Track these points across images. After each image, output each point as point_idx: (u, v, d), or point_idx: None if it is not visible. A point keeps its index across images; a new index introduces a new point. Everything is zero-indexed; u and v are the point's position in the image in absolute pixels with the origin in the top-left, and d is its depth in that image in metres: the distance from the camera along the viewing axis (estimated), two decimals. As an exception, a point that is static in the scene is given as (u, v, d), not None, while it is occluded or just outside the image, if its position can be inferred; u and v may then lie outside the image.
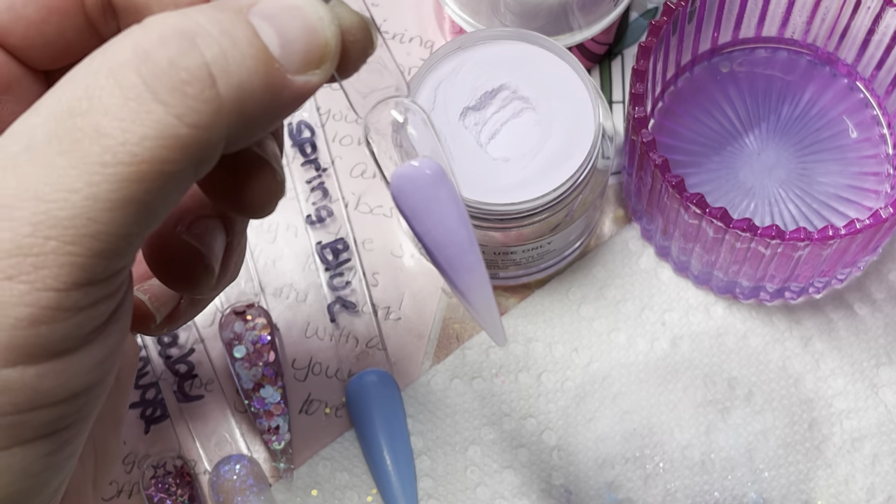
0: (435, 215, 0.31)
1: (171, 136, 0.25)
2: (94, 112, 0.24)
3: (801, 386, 0.48)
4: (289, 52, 0.26)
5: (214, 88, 0.25)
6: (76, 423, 0.26)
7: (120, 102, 0.24)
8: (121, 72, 0.25)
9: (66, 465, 0.27)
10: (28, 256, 0.23)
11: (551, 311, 0.49)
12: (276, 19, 0.26)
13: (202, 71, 0.25)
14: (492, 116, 0.44)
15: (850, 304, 0.49)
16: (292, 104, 0.27)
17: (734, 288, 0.48)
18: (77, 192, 0.24)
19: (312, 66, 0.27)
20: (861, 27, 0.47)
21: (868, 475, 0.47)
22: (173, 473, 0.46)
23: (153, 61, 0.25)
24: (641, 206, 0.48)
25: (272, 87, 0.26)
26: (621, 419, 0.48)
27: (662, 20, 0.45)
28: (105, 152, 0.24)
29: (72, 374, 0.25)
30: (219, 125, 0.25)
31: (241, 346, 0.48)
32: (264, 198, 0.31)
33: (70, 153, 0.24)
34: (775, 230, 0.42)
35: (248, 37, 0.26)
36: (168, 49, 0.25)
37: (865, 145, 0.49)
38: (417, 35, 0.54)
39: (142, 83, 0.25)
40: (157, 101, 0.25)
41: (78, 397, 0.25)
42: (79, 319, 0.24)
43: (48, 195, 0.24)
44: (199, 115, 0.25)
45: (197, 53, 0.25)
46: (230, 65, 0.25)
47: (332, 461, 0.48)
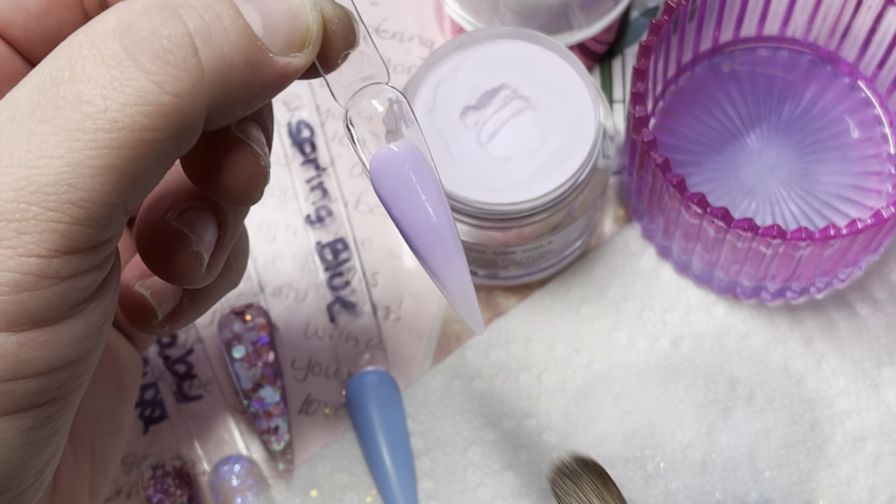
0: (413, 199, 0.31)
1: (151, 102, 0.25)
2: (75, 80, 0.25)
3: (803, 386, 0.48)
4: (271, 32, 0.27)
5: (196, 57, 0.25)
6: (57, 399, 0.26)
7: (102, 70, 0.25)
8: (103, 41, 0.25)
9: (48, 445, 0.27)
10: (10, 222, 0.24)
11: (552, 311, 0.49)
12: (259, 2, 0.27)
13: (185, 40, 0.25)
14: (492, 116, 0.44)
15: (852, 304, 0.49)
16: (275, 84, 0.28)
17: (735, 288, 0.48)
18: (58, 158, 0.24)
19: (294, 48, 0.27)
20: (862, 26, 0.47)
21: (870, 475, 0.47)
22: (172, 474, 0.46)
23: (136, 30, 0.25)
24: (642, 205, 0.48)
25: (253, 62, 0.27)
26: (622, 419, 0.48)
27: (663, 19, 0.45)
28: (86, 119, 0.24)
29: (55, 345, 0.25)
30: (200, 95, 0.26)
31: (241, 346, 0.48)
32: (247, 183, 0.31)
33: (52, 120, 0.24)
34: (776, 230, 0.42)
35: (230, 14, 0.26)
36: (151, 19, 0.25)
37: (867, 145, 0.49)
38: (417, 34, 0.54)
39: (124, 51, 0.25)
40: (139, 69, 0.25)
41: (60, 371, 0.25)
42: (62, 289, 0.25)
43: (30, 161, 0.24)
44: (180, 82, 0.25)
45: (180, 23, 0.25)
46: (212, 36, 0.26)
47: (331, 461, 0.48)
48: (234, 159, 0.30)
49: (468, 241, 0.45)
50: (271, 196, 0.51)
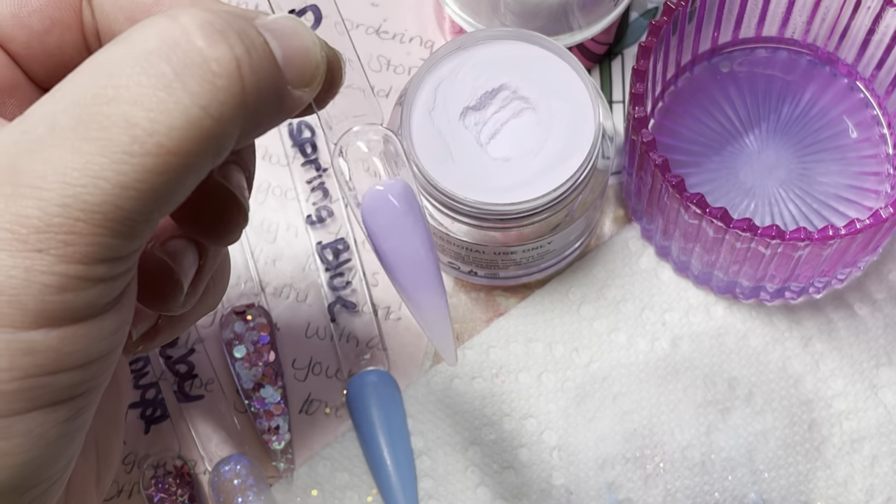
0: (401, 237, 0.33)
1: (197, 127, 0.25)
2: (121, 101, 0.25)
3: (801, 386, 0.48)
4: (288, 65, 0.28)
5: (242, 83, 0.26)
6: (90, 391, 0.27)
7: (149, 92, 0.25)
8: (148, 60, 0.25)
9: (77, 437, 0.28)
10: (58, 234, 0.25)
11: (551, 311, 0.49)
12: (279, 34, 0.28)
13: (231, 65, 0.26)
14: (492, 116, 0.44)
15: (851, 305, 0.49)
16: (286, 115, 0.29)
17: (734, 288, 0.48)
18: (106, 181, 0.25)
19: (304, 83, 0.28)
20: (861, 27, 0.47)
21: (867, 476, 0.47)
22: (173, 473, 0.46)
23: (183, 51, 0.25)
24: (641, 206, 0.48)
25: (279, 92, 0.28)
26: (622, 419, 0.48)
27: (662, 20, 0.45)
28: (133, 142, 0.25)
29: (91, 339, 0.26)
30: (238, 119, 0.26)
31: (242, 345, 0.48)
32: (227, 226, 0.32)
33: (97, 140, 0.25)
34: (775, 230, 0.42)
35: (262, 43, 0.27)
36: (198, 40, 0.26)
37: (865, 145, 0.49)
38: (417, 35, 0.54)
39: (172, 72, 0.25)
40: (186, 91, 0.25)
41: (94, 364, 0.27)
42: (100, 289, 0.26)
43: (77, 180, 0.25)
44: (223, 107, 0.26)
45: (226, 47, 0.26)
46: (254, 63, 0.26)
47: (332, 461, 0.48)
48: (214, 203, 0.31)
49: (468, 241, 0.45)
50: (272, 196, 0.51)
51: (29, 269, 0.25)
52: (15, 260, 0.25)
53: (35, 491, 0.27)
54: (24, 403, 0.26)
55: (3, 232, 0.25)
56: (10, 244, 0.25)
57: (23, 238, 0.25)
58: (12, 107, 0.32)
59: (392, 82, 0.53)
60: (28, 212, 0.25)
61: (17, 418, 0.26)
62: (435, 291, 0.34)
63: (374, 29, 0.54)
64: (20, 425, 0.26)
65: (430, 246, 0.33)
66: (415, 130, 0.43)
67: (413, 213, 0.33)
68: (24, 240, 0.25)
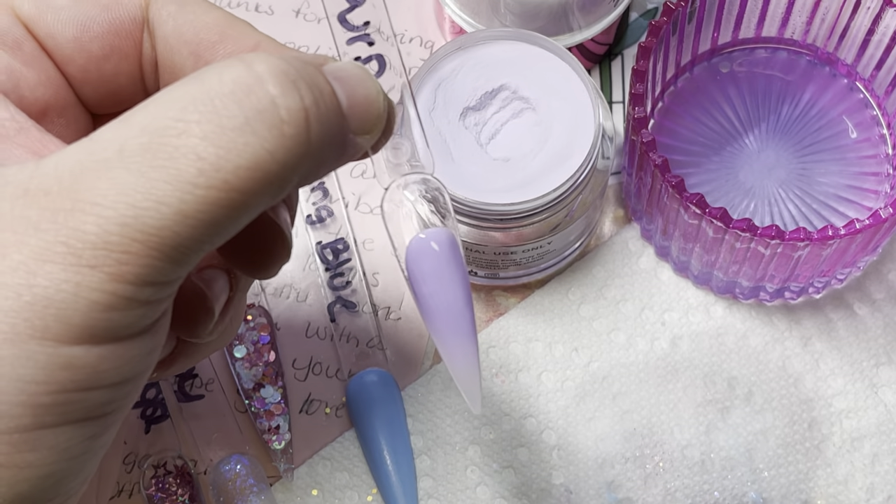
0: (443, 285, 0.34)
1: (262, 169, 0.26)
2: (191, 134, 0.26)
3: (801, 386, 0.48)
4: (352, 113, 0.29)
5: (308, 133, 0.27)
6: (118, 410, 0.28)
7: (218, 130, 0.26)
8: (221, 101, 0.26)
9: (99, 454, 0.28)
10: (113, 252, 0.25)
11: (551, 311, 0.49)
12: (345, 82, 0.29)
13: (300, 114, 0.27)
14: (492, 116, 0.44)
15: (850, 304, 0.49)
16: (347, 160, 0.30)
17: (734, 288, 0.48)
18: (168, 206, 0.25)
19: (365, 131, 0.30)
20: (861, 27, 0.47)
21: (868, 475, 0.47)
22: (173, 473, 0.46)
23: (256, 97, 0.26)
24: (641, 206, 0.48)
25: (342, 139, 0.29)
26: (621, 419, 0.48)
27: (662, 20, 0.45)
28: (200, 175, 0.26)
29: (128, 358, 0.27)
30: (301, 166, 0.27)
31: (242, 345, 0.48)
32: (271, 261, 0.33)
33: (164, 168, 0.26)
34: (775, 230, 0.42)
35: (331, 91, 0.28)
36: (271, 88, 0.27)
37: (865, 145, 0.49)
38: (417, 35, 0.54)
39: (242, 115, 0.26)
40: (255, 135, 0.26)
41: (126, 383, 0.27)
42: (143, 311, 0.26)
43: (139, 202, 0.25)
44: (289, 154, 0.27)
45: (297, 97, 0.27)
46: (321, 113, 0.27)
47: (332, 461, 0.48)
48: (262, 238, 0.32)
49: (468, 241, 0.45)
50: (272, 196, 0.51)
51: (80, 284, 0.25)
52: (67, 274, 0.25)
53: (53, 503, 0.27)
54: (55, 417, 0.26)
55: (59, 245, 0.25)
56: (64, 258, 0.25)
57: (77, 253, 0.25)
58: (60, 126, 0.33)
59: (392, 82, 0.53)
60: (86, 227, 0.25)
61: (47, 431, 0.26)
62: (468, 340, 0.35)
63: (374, 29, 0.54)
64: (49, 439, 0.26)
65: (468, 296, 0.35)
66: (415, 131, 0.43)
67: (455, 262, 0.34)
68: (78, 254, 0.25)
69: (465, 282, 0.35)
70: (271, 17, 0.54)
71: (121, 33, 0.32)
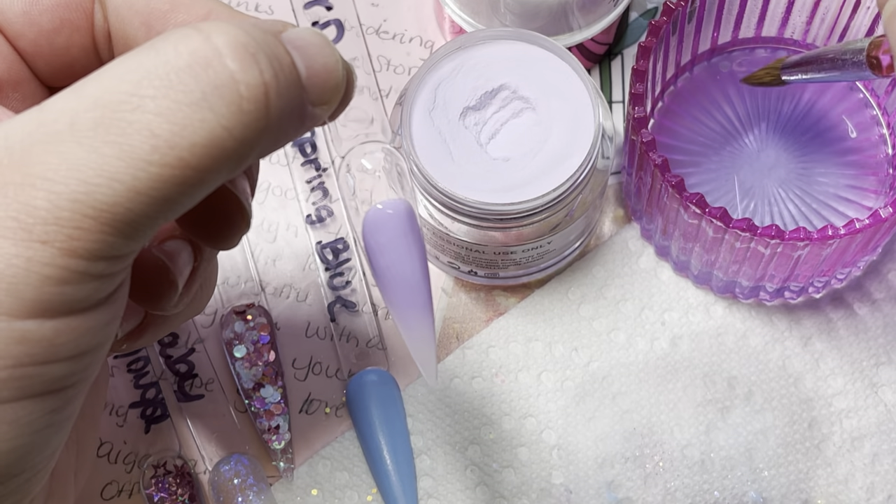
0: (399, 255, 0.34)
1: (218, 146, 0.26)
2: (146, 110, 0.25)
3: (801, 385, 0.48)
4: (310, 84, 0.28)
5: (267, 108, 0.26)
6: (79, 382, 0.27)
7: (173, 106, 0.25)
8: (178, 76, 0.26)
9: (64, 427, 0.28)
10: (64, 228, 0.25)
11: (551, 311, 0.49)
12: (304, 52, 0.28)
13: (259, 90, 0.26)
14: (492, 116, 0.44)
15: (850, 304, 0.49)
16: (304, 131, 0.29)
17: (734, 287, 0.48)
18: (121, 183, 0.25)
19: (324, 101, 0.29)
20: (860, 27, 0.47)
21: (868, 474, 0.47)
22: (173, 473, 0.46)
23: (214, 72, 0.26)
24: (641, 205, 0.48)
25: (301, 111, 0.28)
26: (621, 418, 0.48)
27: (662, 20, 0.45)
28: (154, 152, 0.25)
29: (84, 331, 0.26)
30: (259, 142, 0.27)
31: (242, 345, 0.48)
32: (229, 231, 0.33)
33: (118, 144, 0.25)
34: (775, 230, 0.42)
35: (290, 63, 0.27)
36: (229, 62, 0.26)
37: (865, 145, 0.49)
38: (417, 35, 0.54)
39: (199, 91, 0.26)
40: (212, 112, 0.26)
41: (85, 356, 0.27)
42: (97, 285, 0.26)
43: (92, 178, 0.25)
44: (246, 130, 0.26)
45: (257, 71, 0.26)
46: (281, 88, 0.27)
47: (332, 461, 0.48)
48: (219, 208, 0.32)
49: (468, 241, 0.45)
50: (272, 196, 0.51)
51: (31, 259, 0.25)
52: (18, 249, 0.25)
53: (19, 479, 0.27)
54: (13, 392, 0.26)
55: (9, 220, 0.25)
56: (14, 233, 0.25)
57: (28, 228, 0.25)
58: (16, 101, 0.32)
59: (392, 82, 0.53)
60: (37, 203, 0.25)
61: (6, 406, 0.26)
62: (424, 312, 0.34)
63: (374, 29, 0.54)
64: (8, 413, 0.26)
65: (425, 267, 0.34)
66: (415, 130, 0.43)
67: (412, 233, 0.34)
68: (29, 229, 0.25)
69: (422, 253, 0.34)
70: (272, 17, 0.54)
71: (70, 5, 0.31)
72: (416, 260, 0.34)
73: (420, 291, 0.34)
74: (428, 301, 0.35)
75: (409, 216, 0.34)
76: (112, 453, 0.48)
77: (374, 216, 0.34)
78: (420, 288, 0.34)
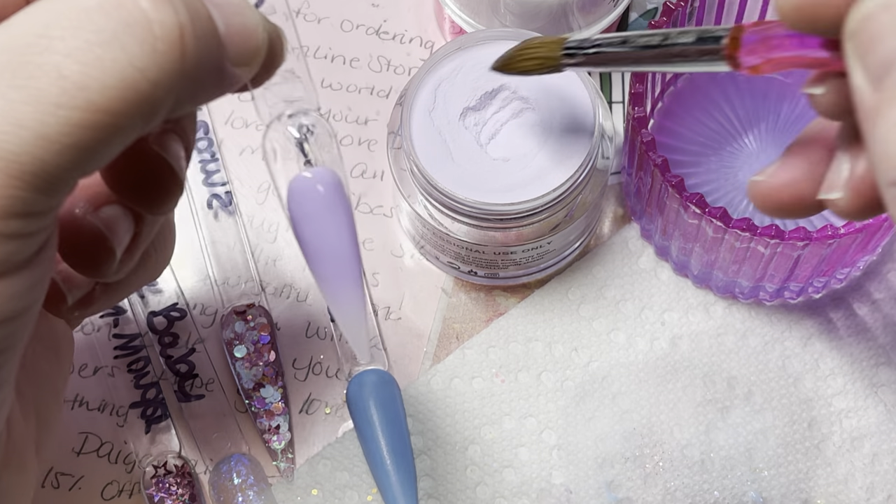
0: (321, 224, 0.32)
1: (131, 88, 0.24)
2: (54, 51, 0.24)
3: (801, 385, 0.48)
4: (230, 42, 0.27)
5: (182, 51, 0.25)
6: (6, 349, 0.26)
7: (84, 46, 0.24)
8: (88, 15, 0.24)
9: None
10: None
11: (551, 311, 0.49)
12: (223, 9, 0.27)
13: (174, 31, 0.25)
14: (492, 116, 0.44)
15: (850, 304, 0.49)
16: (223, 91, 0.28)
17: (734, 287, 0.48)
18: (28, 129, 0.24)
19: (243, 62, 0.28)
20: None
21: (867, 474, 0.47)
22: (174, 473, 0.46)
23: (126, 10, 0.25)
24: (641, 205, 0.48)
25: (219, 66, 0.27)
26: (621, 418, 0.48)
27: (662, 20, 0.45)
28: (62, 94, 0.24)
29: (6, 297, 0.25)
30: (174, 87, 0.25)
31: (242, 345, 0.48)
32: (161, 196, 0.31)
33: (24, 88, 0.24)
34: (775, 230, 0.42)
35: (207, 14, 0.26)
36: (142, 1, 0.25)
37: (865, 145, 0.49)
38: (417, 35, 0.54)
39: (110, 30, 0.24)
40: (124, 51, 0.24)
41: (12, 321, 0.26)
42: (15, 246, 0.25)
43: None
44: (161, 72, 0.25)
45: (171, 11, 0.25)
46: (197, 32, 0.26)
47: (332, 461, 0.48)
48: (149, 171, 0.30)
49: (468, 241, 0.45)
50: (272, 196, 0.51)
51: None
52: None
53: None
54: None
55: None
56: None
57: None
58: None
59: (392, 82, 0.53)
60: None
61: None
62: (353, 284, 0.33)
63: (374, 29, 0.54)
64: None
65: (354, 238, 0.33)
66: (415, 130, 0.43)
67: (339, 202, 0.32)
68: None
69: (350, 224, 0.33)
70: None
71: None
72: (344, 230, 0.32)
73: (348, 263, 0.33)
74: (357, 274, 0.33)
75: (336, 185, 0.32)
76: (112, 453, 0.48)
77: (298, 184, 0.32)
78: (348, 260, 0.33)
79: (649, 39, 0.34)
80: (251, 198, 0.51)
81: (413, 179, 0.44)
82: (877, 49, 0.24)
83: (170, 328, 0.49)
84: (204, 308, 0.49)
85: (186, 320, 0.49)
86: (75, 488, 0.47)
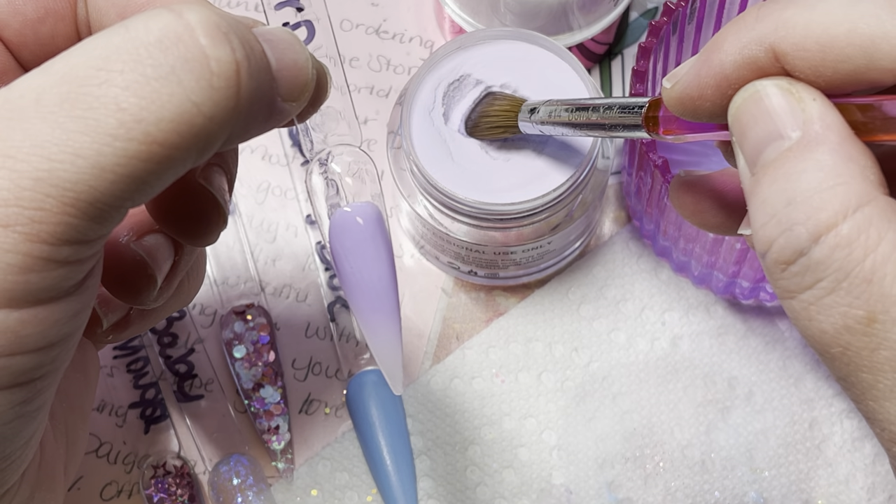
0: (362, 259, 0.33)
1: (187, 122, 0.25)
2: (112, 84, 0.25)
3: (802, 385, 0.48)
4: (280, 77, 0.28)
5: (238, 88, 0.26)
6: (48, 374, 0.27)
7: (142, 80, 0.25)
8: (148, 50, 0.25)
9: (36, 418, 0.28)
10: (26, 209, 0.24)
11: (551, 311, 0.49)
12: (274, 45, 0.28)
13: (231, 67, 0.26)
14: (492, 116, 0.44)
15: (850, 304, 0.49)
16: (272, 125, 0.29)
17: (734, 288, 0.48)
18: (85, 159, 0.24)
19: (293, 97, 0.29)
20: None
21: (868, 475, 0.47)
22: (173, 473, 0.46)
23: (185, 46, 0.25)
24: (641, 206, 0.48)
25: (270, 101, 0.28)
26: (621, 419, 0.48)
27: (662, 20, 0.45)
28: (119, 126, 0.24)
29: (51, 322, 0.26)
30: (229, 122, 0.26)
31: (241, 345, 0.48)
32: (205, 228, 0.32)
33: (82, 119, 0.24)
34: (775, 230, 0.42)
35: (261, 50, 0.27)
36: (201, 37, 0.25)
37: (865, 145, 0.49)
38: (417, 35, 0.54)
39: (168, 65, 0.25)
40: (181, 86, 0.25)
41: (53, 347, 0.26)
42: (65, 272, 0.25)
43: (54, 155, 0.24)
44: (216, 108, 0.25)
45: (229, 48, 0.26)
46: (252, 69, 0.26)
47: (331, 461, 0.48)
48: (194, 203, 0.31)
49: (468, 241, 0.45)
50: (272, 196, 0.51)
51: None
52: None
53: None
54: None
55: None
56: None
57: None
58: None
59: (392, 82, 0.53)
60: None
61: None
62: (390, 319, 0.34)
63: (374, 29, 0.54)
64: None
65: (393, 273, 0.34)
66: (415, 130, 0.43)
67: (379, 237, 0.33)
68: None
69: (389, 258, 0.33)
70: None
71: None
72: (384, 265, 0.33)
73: (386, 297, 0.34)
74: (394, 307, 0.34)
75: (377, 220, 0.33)
76: (112, 454, 0.48)
77: (340, 219, 0.33)
78: (386, 294, 0.34)
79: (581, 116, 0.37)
80: (250, 198, 0.51)
81: (413, 179, 0.44)
82: (749, 136, 0.27)
83: (169, 328, 0.49)
84: (203, 308, 0.49)
85: (186, 320, 0.49)
86: (74, 488, 0.47)
